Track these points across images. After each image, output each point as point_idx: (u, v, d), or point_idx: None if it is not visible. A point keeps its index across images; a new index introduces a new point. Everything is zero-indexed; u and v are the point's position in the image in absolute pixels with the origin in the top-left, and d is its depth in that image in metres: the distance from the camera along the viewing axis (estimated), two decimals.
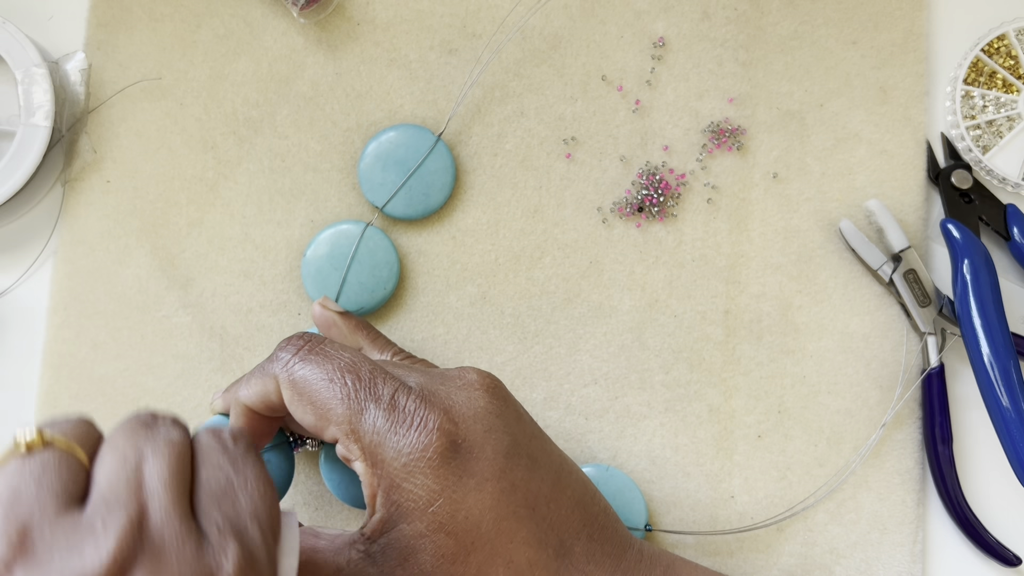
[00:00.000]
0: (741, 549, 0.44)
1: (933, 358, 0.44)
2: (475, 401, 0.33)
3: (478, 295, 0.45)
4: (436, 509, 0.30)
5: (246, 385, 0.35)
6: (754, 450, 0.44)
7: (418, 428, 0.31)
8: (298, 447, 0.40)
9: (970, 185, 0.46)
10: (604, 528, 0.34)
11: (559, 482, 0.33)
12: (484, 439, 0.32)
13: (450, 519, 0.30)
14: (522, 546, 0.31)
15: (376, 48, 0.46)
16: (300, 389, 0.32)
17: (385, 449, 0.31)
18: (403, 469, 0.31)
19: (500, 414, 0.33)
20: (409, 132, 0.44)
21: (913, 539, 0.44)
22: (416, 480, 0.31)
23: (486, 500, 0.31)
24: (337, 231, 0.44)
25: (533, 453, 0.33)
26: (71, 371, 0.44)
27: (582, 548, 0.33)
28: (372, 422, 0.31)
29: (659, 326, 0.45)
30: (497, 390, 0.34)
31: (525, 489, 0.32)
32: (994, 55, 0.47)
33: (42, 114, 0.43)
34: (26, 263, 0.45)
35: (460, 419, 0.32)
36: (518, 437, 0.33)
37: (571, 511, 0.33)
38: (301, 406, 0.32)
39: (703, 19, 0.47)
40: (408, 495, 0.31)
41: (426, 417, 0.31)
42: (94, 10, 0.46)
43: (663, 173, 0.46)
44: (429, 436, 0.31)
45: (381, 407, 0.31)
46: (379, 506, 0.31)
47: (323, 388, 0.32)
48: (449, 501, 0.30)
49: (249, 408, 0.35)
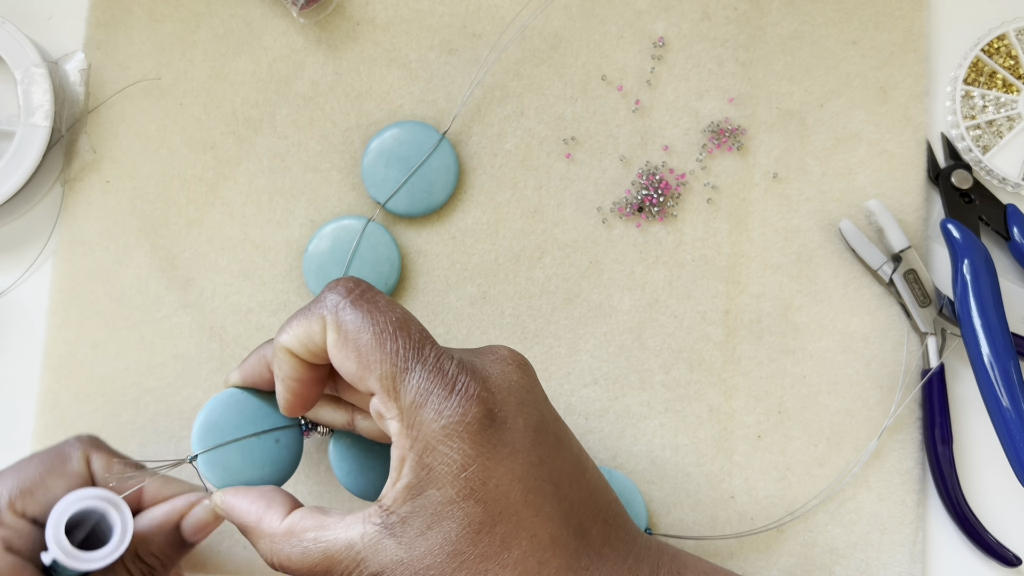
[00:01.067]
0: (741, 550, 0.44)
1: (933, 358, 0.44)
2: (509, 375, 0.33)
3: (478, 295, 0.45)
4: (469, 475, 0.30)
5: (288, 328, 0.34)
6: (754, 450, 0.44)
7: (459, 393, 0.31)
8: (309, 432, 0.40)
9: (970, 185, 0.46)
10: (617, 516, 0.34)
11: (580, 464, 0.33)
12: (517, 411, 0.32)
13: (481, 486, 0.31)
14: (546, 521, 0.31)
15: (376, 48, 0.46)
16: (347, 334, 0.32)
17: (425, 411, 0.31)
18: (441, 431, 0.31)
19: (531, 389, 0.33)
20: (413, 129, 0.44)
21: (913, 539, 0.44)
22: (453, 443, 0.30)
23: (517, 471, 0.31)
24: (339, 226, 0.44)
25: (559, 432, 0.33)
26: (71, 371, 0.44)
27: (599, 531, 0.33)
28: (416, 383, 0.31)
29: (659, 326, 0.45)
30: (528, 367, 0.34)
31: (551, 465, 0.32)
32: (994, 55, 0.47)
33: (42, 114, 0.43)
34: (26, 263, 0.45)
35: (497, 390, 0.32)
36: (546, 415, 0.33)
37: (589, 495, 0.33)
38: (345, 352, 0.32)
39: (703, 19, 0.47)
40: (443, 458, 0.30)
41: (468, 384, 0.31)
42: (94, 10, 0.46)
43: (663, 173, 0.46)
44: (470, 402, 0.31)
45: (426, 369, 0.31)
46: (407, 470, 0.31)
47: (371, 339, 0.32)
48: (482, 468, 0.30)
49: (290, 353, 0.34)
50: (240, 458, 0.37)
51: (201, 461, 0.37)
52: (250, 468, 0.37)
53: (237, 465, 0.37)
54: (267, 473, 0.38)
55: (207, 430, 0.37)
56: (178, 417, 0.43)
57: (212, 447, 0.37)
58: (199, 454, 0.37)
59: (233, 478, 0.37)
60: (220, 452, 0.37)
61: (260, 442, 0.38)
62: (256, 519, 0.34)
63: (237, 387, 0.38)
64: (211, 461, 0.37)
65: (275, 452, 0.38)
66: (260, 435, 0.38)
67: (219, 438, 0.37)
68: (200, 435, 0.37)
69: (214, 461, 0.37)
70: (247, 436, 0.37)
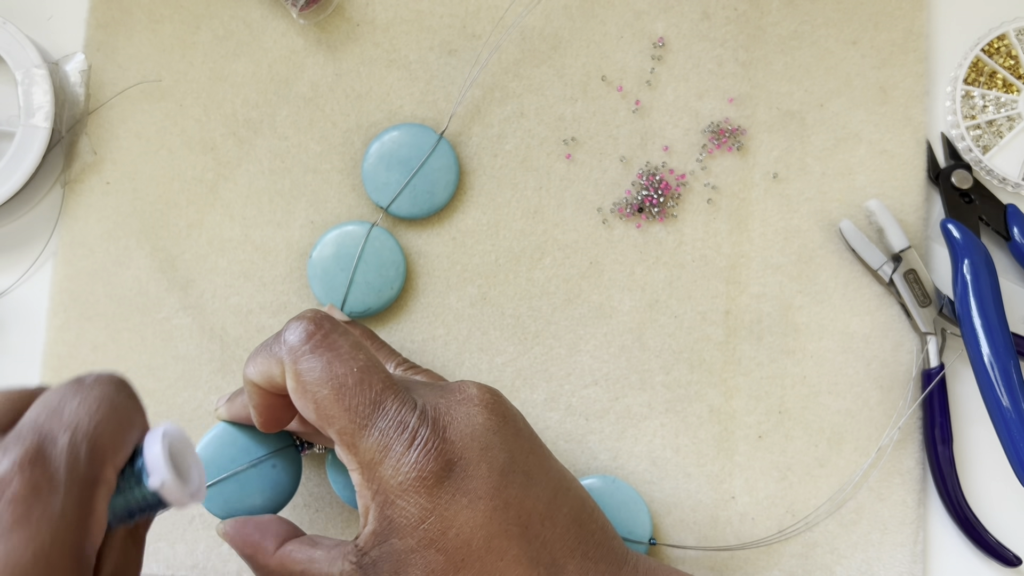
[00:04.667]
0: (742, 551, 0.44)
1: (933, 358, 0.44)
2: (473, 417, 0.32)
3: (478, 296, 0.45)
4: (427, 526, 0.31)
5: (252, 362, 0.34)
6: (755, 451, 0.44)
7: (417, 448, 0.31)
8: (305, 450, 0.40)
9: (970, 185, 0.46)
10: (600, 545, 0.34)
11: (555, 499, 0.33)
12: (480, 457, 0.32)
13: (441, 536, 0.31)
14: (512, 564, 0.31)
15: (376, 49, 0.46)
16: (305, 384, 0.31)
17: (383, 468, 0.31)
18: (399, 487, 0.31)
19: (498, 431, 0.33)
20: (411, 131, 0.44)
21: (914, 539, 0.44)
22: (409, 498, 0.31)
23: (478, 518, 0.31)
24: (342, 232, 0.44)
25: (529, 470, 0.33)
26: (71, 373, 0.44)
27: (576, 566, 0.32)
28: (375, 441, 0.31)
29: (659, 327, 0.45)
30: (496, 406, 0.33)
31: (519, 507, 0.32)
32: (994, 55, 0.47)
33: (42, 115, 0.43)
34: (25, 264, 0.45)
35: (458, 437, 0.32)
36: (515, 454, 0.33)
37: (566, 529, 0.33)
38: (304, 401, 0.32)
39: (703, 19, 0.47)
40: (401, 511, 0.31)
41: (427, 437, 0.31)
42: (94, 11, 0.46)
43: (663, 173, 0.46)
44: (428, 456, 0.31)
45: (385, 425, 0.31)
46: (371, 519, 0.31)
47: (329, 394, 0.31)
48: (440, 519, 0.31)
49: (255, 385, 0.34)
50: (239, 488, 0.38)
51: None
52: (250, 497, 0.38)
53: (237, 496, 0.38)
54: (268, 498, 0.38)
55: (204, 466, 0.37)
56: (178, 418, 0.43)
57: (211, 483, 0.37)
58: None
59: (235, 508, 0.38)
60: (220, 485, 0.38)
61: (257, 470, 0.38)
62: (252, 551, 0.35)
63: (226, 421, 0.38)
64: (211, 495, 0.37)
65: (273, 477, 0.38)
66: (256, 464, 0.38)
67: (216, 473, 0.38)
68: None
69: (213, 495, 0.37)
70: (243, 468, 0.38)
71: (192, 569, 0.43)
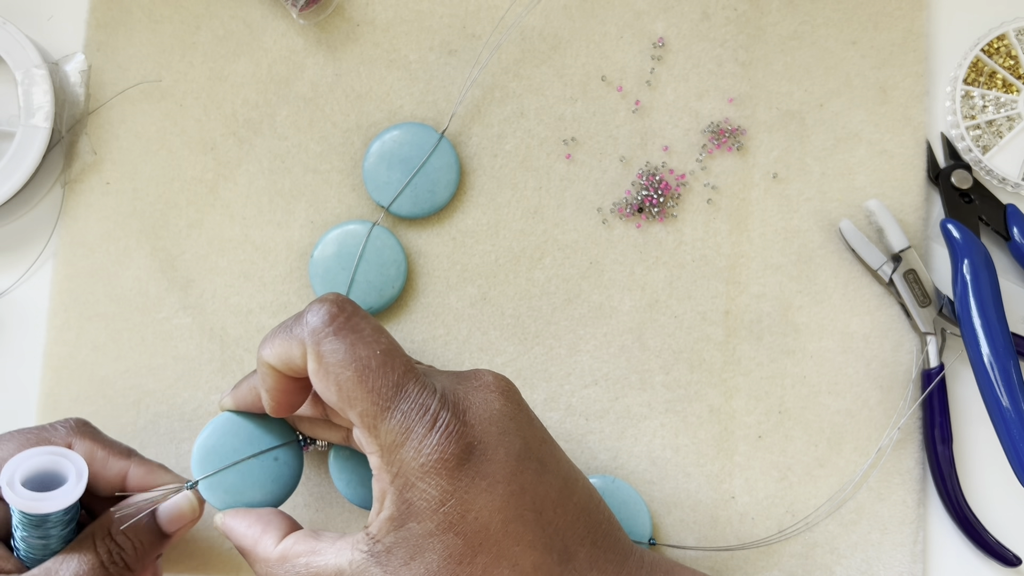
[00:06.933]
0: (742, 551, 0.44)
1: (933, 358, 0.44)
2: (491, 403, 0.33)
3: (478, 296, 0.45)
4: (447, 509, 0.31)
5: (270, 343, 0.33)
6: (755, 450, 0.44)
7: (438, 431, 0.31)
8: (308, 446, 0.40)
9: (970, 185, 0.46)
10: (607, 536, 0.34)
11: (566, 488, 0.33)
12: (498, 441, 0.32)
13: (460, 519, 0.31)
14: (528, 549, 0.31)
15: (376, 49, 0.46)
16: (328, 366, 0.31)
17: (405, 450, 0.31)
18: (420, 469, 0.31)
19: (513, 417, 0.33)
20: (412, 130, 0.44)
21: (914, 539, 0.44)
22: (431, 480, 0.31)
23: (496, 502, 0.31)
24: (344, 231, 0.44)
25: (543, 458, 0.33)
26: (71, 373, 0.44)
27: (586, 554, 0.33)
28: (397, 423, 0.31)
29: (659, 327, 0.45)
30: (511, 393, 0.34)
31: (533, 493, 0.32)
32: (994, 55, 0.47)
33: (42, 115, 0.43)
34: (25, 264, 0.45)
35: (477, 421, 0.32)
36: (529, 441, 0.33)
37: (576, 517, 0.33)
38: (325, 383, 0.32)
39: (703, 19, 0.47)
40: (421, 494, 0.31)
41: (448, 420, 0.31)
42: (94, 11, 0.46)
43: (663, 173, 0.46)
44: (449, 439, 0.31)
45: (407, 407, 0.31)
46: (389, 503, 0.31)
47: (352, 375, 0.31)
48: (460, 502, 0.31)
49: (271, 367, 0.34)
50: (240, 480, 0.37)
51: (202, 486, 0.37)
52: (251, 489, 0.38)
53: (238, 487, 0.37)
54: (269, 491, 0.38)
55: (206, 455, 0.37)
56: (179, 419, 0.43)
57: (212, 472, 0.37)
58: (199, 480, 0.37)
59: (235, 500, 0.37)
60: (220, 475, 0.37)
61: (259, 462, 0.38)
62: (252, 543, 0.35)
63: (231, 411, 0.38)
64: (212, 485, 0.37)
65: (275, 470, 0.38)
66: (259, 455, 0.38)
67: (218, 462, 0.37)
68: (199, 460, 0.37)
69: (214, 485, 0.37)
70: (246, 458, 0.38)
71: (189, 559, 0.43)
